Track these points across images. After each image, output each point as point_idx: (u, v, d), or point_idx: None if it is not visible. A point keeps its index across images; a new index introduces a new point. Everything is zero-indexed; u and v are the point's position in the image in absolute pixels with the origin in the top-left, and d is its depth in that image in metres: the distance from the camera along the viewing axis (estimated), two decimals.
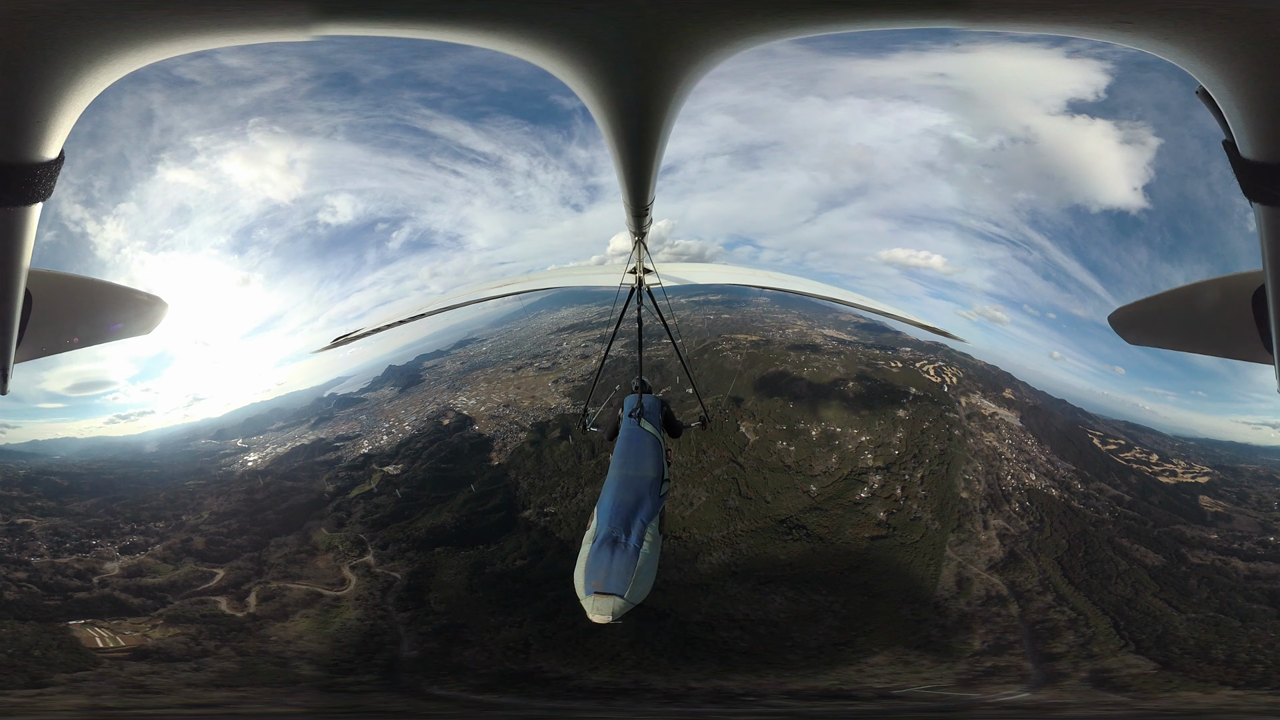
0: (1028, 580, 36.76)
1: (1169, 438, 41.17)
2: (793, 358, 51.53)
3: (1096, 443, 40.81)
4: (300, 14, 2.06)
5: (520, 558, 39.12)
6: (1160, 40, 1.97)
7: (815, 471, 48.51)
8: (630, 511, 5.56)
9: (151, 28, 2.00)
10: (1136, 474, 38.94)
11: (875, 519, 44.00)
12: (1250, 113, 2.05)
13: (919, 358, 47.99)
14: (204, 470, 42.23)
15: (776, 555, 41.07)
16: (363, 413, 49.58)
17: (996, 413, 44.17)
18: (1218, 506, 36.75)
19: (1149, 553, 35.94)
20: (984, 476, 42.50)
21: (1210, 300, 3.64)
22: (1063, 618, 33.85)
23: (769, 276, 12.85)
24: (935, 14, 2.12)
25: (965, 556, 39.61)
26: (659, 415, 6.95)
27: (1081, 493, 39.25)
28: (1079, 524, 38.07)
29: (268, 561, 36.09)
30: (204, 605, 33.45)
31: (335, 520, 39.37)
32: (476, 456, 44.98)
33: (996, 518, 40.77)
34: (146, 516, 37.68)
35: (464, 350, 57.60)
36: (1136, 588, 34.58)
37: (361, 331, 8.79)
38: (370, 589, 35.72)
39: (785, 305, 55.25)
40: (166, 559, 35.48)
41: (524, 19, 2.22)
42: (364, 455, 44.75)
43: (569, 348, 55.84)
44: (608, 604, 4.88)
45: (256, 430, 46.77)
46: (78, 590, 33.17)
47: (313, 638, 32.64)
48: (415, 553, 38.23)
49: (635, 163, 3.26)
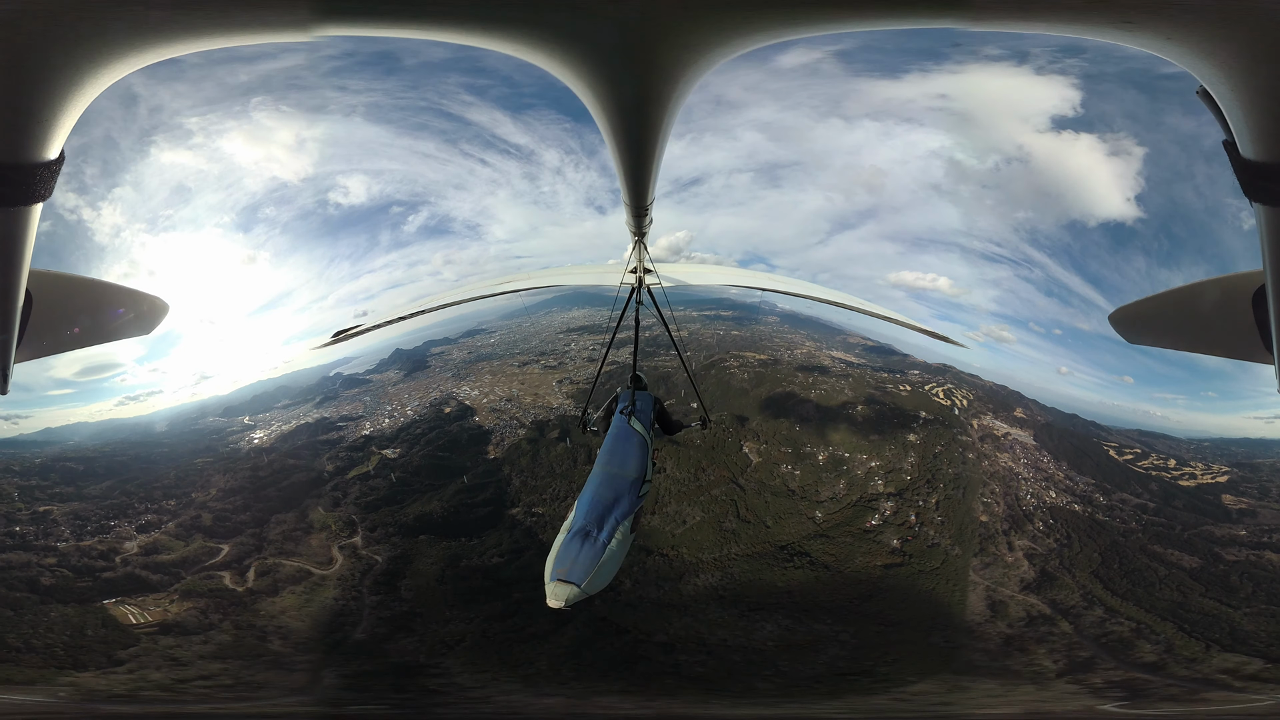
0: (1069, 597, 35.45)
1: (1184, 441, 41.18)
2: (800, 379, 50.89)
3: (1113, 454, 40.41)
4: (300, 14, 2.06)
5: (498, 555, 38.72)
6: (1162, 40, 1.98)
7: (821, 497, 46.75)
8: (607, 508, 5.77)
9: (151, 28, 2.00)
10: (1157, 480, 38.35)
11: (888, 547, 42.25)
12: (1250, 113, 2.06)
13: (928, 380, 47.99)
14: (212, 448, 42.98)
15: (774, 582, 39.53)
16: (367, 394, 49.49)
17: (1009, 433, 43.75)
18: (1241, 503, 36.42)
19: (1184, 555, 35.05)
20: (1002, 498, 41.31)
21: (1210, 300, 3.67)
22: (1124, 629, 32.99)
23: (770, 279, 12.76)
24: (937, 14, 2.12)
25: (994, 580, 38.08)
26: (650, 414, 7.07)
27: (1105, 505, 38.24)
28: (1108, 536, 36.84)
29: (267, 538, 36.99)
30: (211, 580, 34.54)
31: (332, 500, 39.74)
32: (473, 448, 44.85)
33: (1021, 538, 39.30)
34: (159, 495, 38.73)
35: (472, 340, 57.09)
36: (1184, 591, 33.62)
37: (362, 327, 8.73)
38: (353, 570, 36.23)
39: (795, 325, 55.63)
40: (178, 535, 36.61)
41: (524, 19, 2.23)
42: (365, 437, 44.91)
43: (577, 349, 55.29)
44: (565, 591, 5.11)
45: (263, 408, 47.08)
46: (104, 570, 34.36)
47: (293, 614, 33.46)
48: (400, 538, 38.25)
49: (634, 162, 3.28)
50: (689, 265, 26.92)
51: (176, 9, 1.95)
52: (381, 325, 9.06)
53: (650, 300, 8.30)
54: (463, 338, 56.90)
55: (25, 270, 2.78)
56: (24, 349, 3.44)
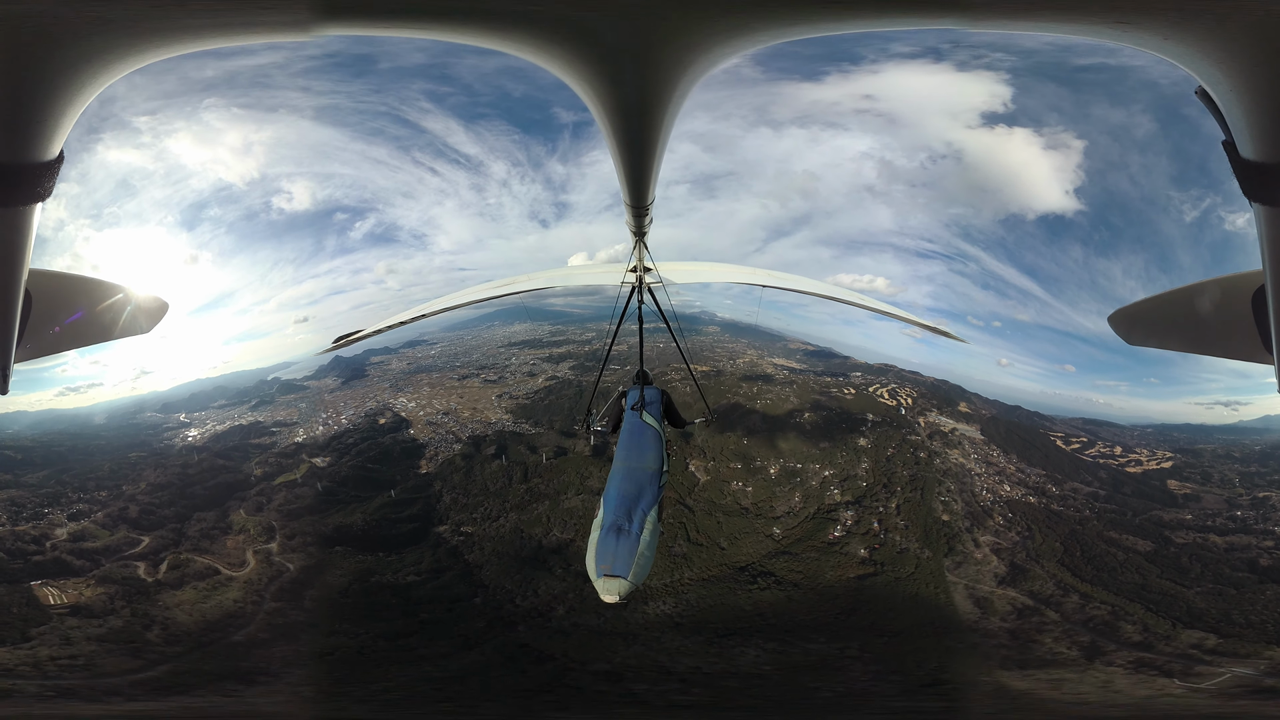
0: (1044, 587, 35.54)
1: (1127, 428, 42.39)
2: (745, 389, 48.56)
3: (1060, 443, 41.40)
4: (300, 14, 2.03)
5: (415, 574, 38.24)
6: (1161, 40, 1.97)
7: (778, 512, 44.55)
8: (633, 501, 5.93)
9: (151, 27, 1.98)
10: (1105, 468, 39.47)
11: (857, 557, 41.08)
12: (1250, 113, 2.03)
13: (871, 382, 47.40)
14: (146, 443, 43.70)
15: (738, 605, 38.27)
16: (303, 400, 49.04)
17: (956, 428, 43.84)
18: (1186, 489, 37.90)
19: (1138, 540, 35.96)
20: (959, 495, 41.17)
21: (1210, 300, 3.65)
22: (1103, 612, 33.44)
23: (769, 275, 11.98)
24: (935, 14, 2.11)
25: (970, 578, 38.11)
26: (660, 407, 7.26)
27: (1058, 495, 38.91)
28: (1065, 525, 37.42)
29: (186, 534, 37.83)
30: (126, 568, 35.76)
31: (255, 504, 39.87)
32: (405, 462, 44.46)
33: (984, 534, 39.23)
34: (92, 486, 39.77)
35: (413, 351, 56.05)
36: (1143, 573, 34.45)
37: (365, 331, 8.69)
38: (261, 575, 36.58)
39: (735, 334, 53.90)
40: (105, 525, 37.85)
41: (525, 18, 2.18)
42: (296, 444, 44.70)
43: (517, 363, 54.70)
44: (615, 585, 5.27)
45: (199, 406, 47.33)
46: (34, 554, 35.87)
47: (186, 609, 34.42)
48: (316, 548, 38.35)
49: (635, 162, 3.24)
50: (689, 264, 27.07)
51: (176, 8, 1.92)
52: (385, 329, 8.96)
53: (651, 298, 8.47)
54: (403, 348, 55.75)
55: (25, 270, 2.74)
56: (23, 348, 3.38)
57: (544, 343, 57.19)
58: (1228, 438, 40.73)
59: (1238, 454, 39.18)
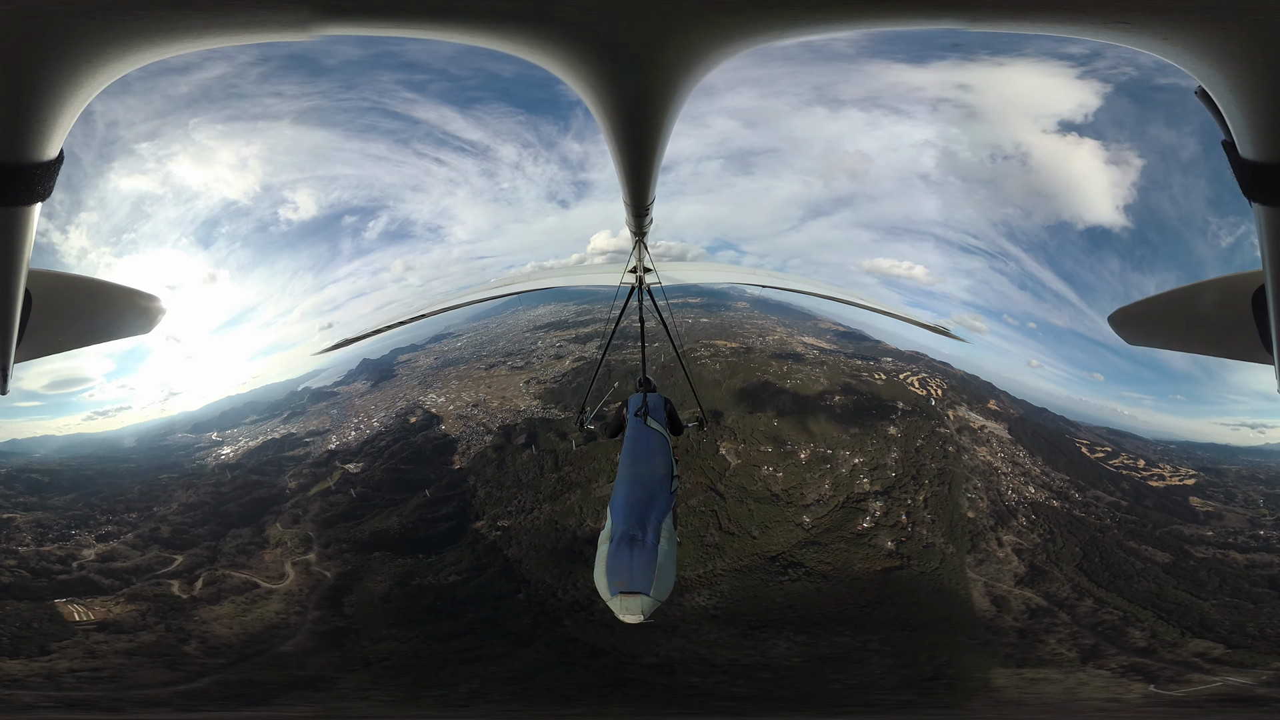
0: (1060, 589, 36.78)
1: (1150, 442, 43.12)
2: (775, 367, 46.64)
3: (1084, 450, 42.25)
4: (300, 14, 2.02)
5: (456, 573, 37.91)
6: (1160, 40, 1.95)
7: (808, 500, 44.04)
8: (644, 509, 5.50)
9: (151, 27, 1.98)
10: (1127, 480, 40.33)
11: (884, 550, 41.39)
12: (1250, 113, 2.01)
13: (901, 369, 46.46)
14: (178, 464, 43.17)
15: (770, 597, 38.17)
16: (334, 407, 48.64)
17: (985, 425, 44.07)
18: (1208, 506, 38.67)
19: (1157, 551, 37.09)
20: (985, 493, 41.69)
21: (1210, 300, 3.60)
22: (1114, 617, 34.47)
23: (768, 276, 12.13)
24: (936, 14, 2.09)
25: (990, 576, 38.60)
26: (664, 413, 7.03)
27: (1080, 501, 39.74)
28: (1086, 532, 38.36)
29: (221, 550, 37.54)
30: (159, 586, 35.49)
31: (291, 517, 39.66)
32: (438, 459, 43.75)
33: (1008, 534, 40.12)
34: (121, 509, 39.55)
35: (439, 345, 55.06)
36: (1159, 583, 35.64)
37: (365, 333, 8.74)
38: (302, 585, 36.41)
39: (765, 310, 52.07)
40: (135, 546, 37.65)
41: (525, 18, 2.17)
42: (329, 451, 44.32)
43: (544, 346, 53.42)
44: (636, 603, 4.80)
45: (231, 424, 46.75)
46: (60, 573, 35.71)
47: (225, 622, 34.14)
48: (354, 554, 37.99)
49: (635, 162, 3.22)
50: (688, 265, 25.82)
51: (176, 8, 1.91)
52: (384, 330, 8.89)
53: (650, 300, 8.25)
54: (430, 343, 54.54)
55: (25, 270, 2.68)
56: (23, 348, 3.36)
57: (570, 323, 55.43)
58: (1253, 459, 41.44)
59: (1263, 476, 39.94)
